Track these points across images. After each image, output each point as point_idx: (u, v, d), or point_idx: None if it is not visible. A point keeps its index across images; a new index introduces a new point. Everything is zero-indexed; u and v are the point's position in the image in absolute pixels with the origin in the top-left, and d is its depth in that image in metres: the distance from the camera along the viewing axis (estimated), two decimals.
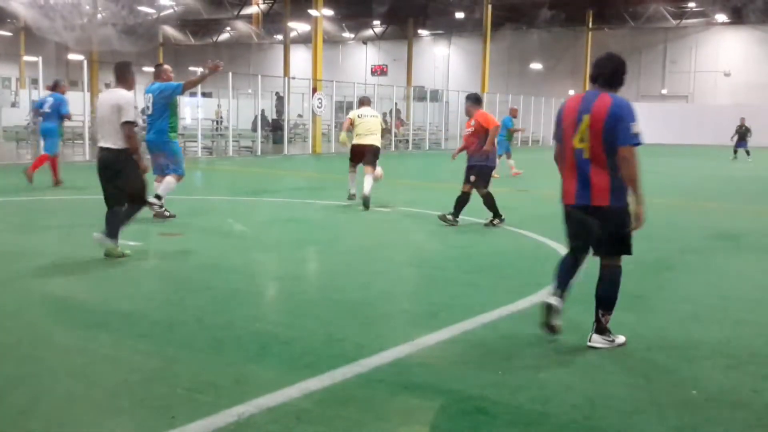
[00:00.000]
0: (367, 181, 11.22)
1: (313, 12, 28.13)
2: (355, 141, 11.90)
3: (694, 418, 3.54)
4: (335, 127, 29.09)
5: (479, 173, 9.38)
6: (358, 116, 11.91)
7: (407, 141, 33.00)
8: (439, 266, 7.15)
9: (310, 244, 8.26)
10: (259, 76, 26.85)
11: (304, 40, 46.24)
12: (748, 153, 27.27)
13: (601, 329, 4.56)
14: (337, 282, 6.42)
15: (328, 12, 35.67)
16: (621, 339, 4.61)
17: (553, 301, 4.54)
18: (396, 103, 33.89)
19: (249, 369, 4.07)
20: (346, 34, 53.87)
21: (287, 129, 27.72)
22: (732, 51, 43.94)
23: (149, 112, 9.30)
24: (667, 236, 8.84)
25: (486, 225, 9.46)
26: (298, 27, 42.92)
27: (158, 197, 9.10)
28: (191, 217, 9.60)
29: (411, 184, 15.60)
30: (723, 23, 43.47)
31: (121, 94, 6.84)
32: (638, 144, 4.29)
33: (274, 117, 32.55)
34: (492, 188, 9.54)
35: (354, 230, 9.51)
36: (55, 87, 13.45)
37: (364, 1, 40.67)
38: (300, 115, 35.06)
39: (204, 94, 30.65)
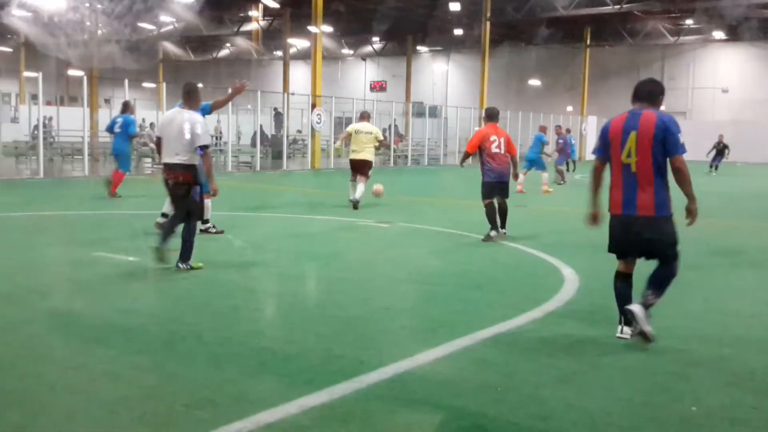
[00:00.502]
0: (359, 188, 13.03)
1: (312, 29, 28.27)
2: (351, 156, 13.54)
3: None
4: (335, 142, 29.21)
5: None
6: (355, 131, 13.48)
7: (406, 157, 33.08)
8: (439, 282, 7.15)
9: (310, 260, 8.26)
10: (259, 92, 26.94)
11: (304, 56, 46.42)
12: (716, 168, 28.75)
13: (646, 305, 4.83)
14: (337, 298, 6.42)
15: (328, 29, 35.88)
16: (648, 327, 4.80)
17: (621, 333, 4.98)
18: (395, 119, 33.98)
19: (248, 385, 4.07)
20: (346, 51, 54.12)
21: (286, 145, 27.79)
22: (729, 68, 44.15)
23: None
24: None
25: (484, 240, 9.48)
26: (297, 43, 43.10)
27: (206, 221, 9.29)
28: None
29: (410, 200, 15.60)
30: (720, 40, 43.68)
31: (196, 116, 7.16)
32: (685, 152, 4.75)
33: (273, 133, 32.64)
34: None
35: (353, 246, 9.51)
36: (125, 109, 14.44)
37: (364, 18, 40.89)
38: (299, 131, 35.15)
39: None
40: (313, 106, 27.14)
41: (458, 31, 43.32)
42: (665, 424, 3.65)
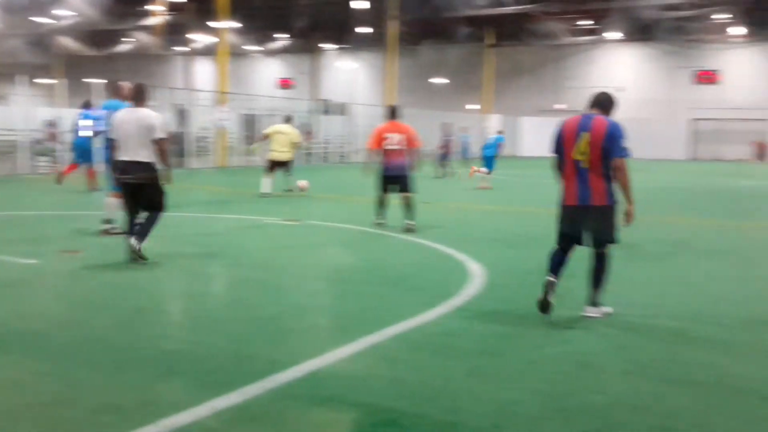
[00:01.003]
0: (266, 183, 14.87)
1: (217, 24, 27.77)
2: (271, 155, 15.20)
3: (597, 423, 3.67)
4: (244, 140, 28.87)
5: None
6: (275, 132, 15.29)
7: (314, 154, 32.96)
8: (349, 279, 7.17)
9: (217, 260, 8.12)
10: (161, 88, 26.26)
11: (209, 52, 45.59)
12: None
13: (594, 302, 5.62)
14: (246, 297, 6.34)
15: (233, 24, 35.30)
16: (608, 309, 5.65)
17: (551, 278, 5.57)
18: (305, 117, 33.77)
19: (156, 389, 3.97)
20: (252, 47, 53.44)
21: (191, 143, 27.20)
22: (625, 67, 46.09)
23: (105, 128, 9.26)
24: None
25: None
26: (202, 39, 42.26)
27: (108, 221, 9.18)
28: (93, 235, 9.28)
29: (318, 197, 15.56)
30: (616, 41, 45.51)
31: (151, 113, 7.63)
32: (628, 156, 5.45)
33: (177, 130, 31.88)
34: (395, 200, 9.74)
35: (263, 244, 9.42)
36: (87, 105, 14.46)
37: (270, 15, 40.50)
38: (204, 129, 34.46)
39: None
40: (219, 103, 26.67)
41: (364, 29, 43.48)
42: (570, 413, 3.78)
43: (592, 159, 5.39)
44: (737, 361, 4.71)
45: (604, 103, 5.66)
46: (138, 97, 7.71)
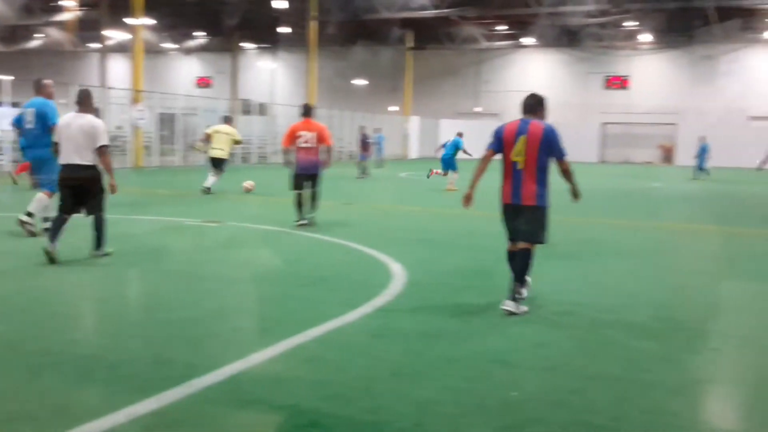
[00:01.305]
0: (210, 179, 15.66)
1: (132, 20, 27.09)
2: (211, 153, 16.05)
3: (516, 419, 3.77)
4: (159, 140, 28.25)
5: None
6: (215, 131, 16.23)
7: (234, 155, 32.48)
8: (270, 281, 7.12)
9: (134, 263, 7.93)
10: (74, 86, 25.40)
11: (124, 49, 44.41)
12: None
13: (514, 298, 5.85)
14: (165, 301, 6.22)
15: (149, 21, 34.46)
16: (524, 309, 5.87)
17: (508, 307, 5.83)
18: (226, 116, 33.29)
19: (71, 396, 3.87)
20: (169, 45, 52.31)
21: None
22: (539, 72, 47.26)
23: (31, 126, 9.30)
24: (486, 246, 9.34)
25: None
26: (116, 35, 41.11)
27: (30, 214, 9.08)
28: (7, 236, 8.92)
29: (239, 198, 15.38)
30: (531, 46, 46.65)
31: (95, 120, 7.83)
32: (567, 155, 5.88)
33: None
34: (322, 202, 9.74)
35: (182, 246, 9.24)
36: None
37: (188, 12, 39.71)
38: (119, 127, 33.53)
39: (15, 104, 28.58)
40: (135, 101, 26.01)
41: (284, 29, 43.19)
42: (489, 410, 3.87)
43: (528, 161, 5.80)
44: (650, 357, 4.91)
45: (534, 107, 6.03)
46: (83, 103, 7.92)
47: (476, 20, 42.31)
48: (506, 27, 44.89)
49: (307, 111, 10.98)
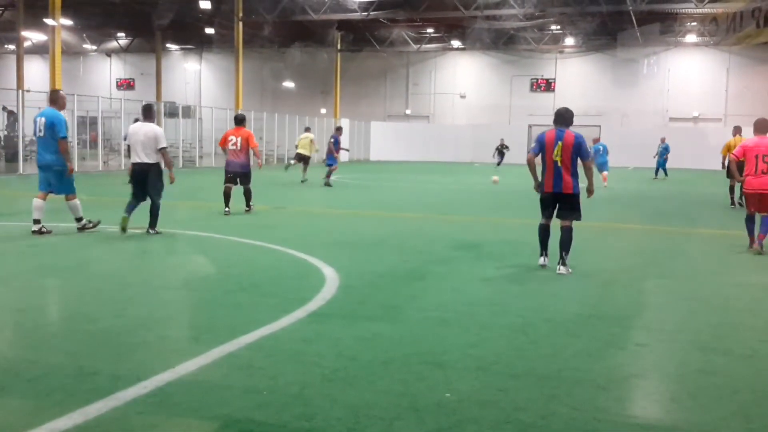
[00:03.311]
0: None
1: (49, 21, 26.21)
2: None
3: (449, 420, 3.77)
4: (78, 144, 27.39)
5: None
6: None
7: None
8: (199, 288, 6.97)
9: (56, 272, 7.64)
10: None
11: (41, 50, 42.97)
12: (498, 165, 36.15)
13: (564, 263, 7.83)
14: (87, 311, 5.98)
15: (67, 21, 33.43)
16: (570, 270, 7.81)
17: (543, 262, 8.12)
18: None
19: None
20: (88, 46, 50.88)
21: (22, 146, 25.49)
22: (466, 74, 47.92)
23: (41, 135, 9.89)
24: (417, 248, 9.38)
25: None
26: (33, 36, 39.72)
27: (80, 219, 10.26)
28: None
29: (166, 203, 15.01)
30: (458, 49, 47.22)
31: (157, 128, 10.24)
32: (591, 157, 8.35)
33: (6, 133, 29.83)
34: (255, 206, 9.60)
35: (103, 255, 8.95)
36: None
37: (108, 12, 38.67)
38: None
39: None
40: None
41: (209, 30, 42.54)
42: (423, 412, 3.86)
43: (563, 161, 7.81)
44: (574, 354, 4.99)
45: (568, 119, 8.00)
46: (147, 115, 10.25)
47: (405, 23, 42.56)
48: (435, 30, 45.31)
49: (238, 121, 13.35)
